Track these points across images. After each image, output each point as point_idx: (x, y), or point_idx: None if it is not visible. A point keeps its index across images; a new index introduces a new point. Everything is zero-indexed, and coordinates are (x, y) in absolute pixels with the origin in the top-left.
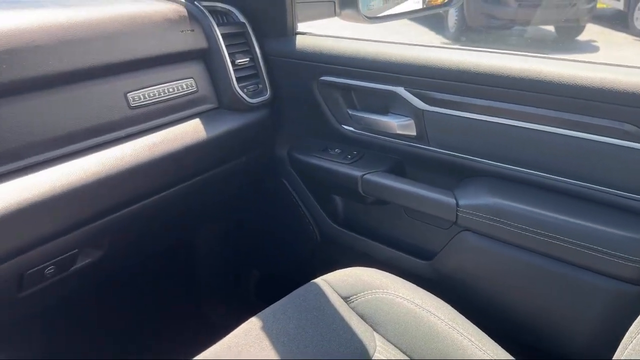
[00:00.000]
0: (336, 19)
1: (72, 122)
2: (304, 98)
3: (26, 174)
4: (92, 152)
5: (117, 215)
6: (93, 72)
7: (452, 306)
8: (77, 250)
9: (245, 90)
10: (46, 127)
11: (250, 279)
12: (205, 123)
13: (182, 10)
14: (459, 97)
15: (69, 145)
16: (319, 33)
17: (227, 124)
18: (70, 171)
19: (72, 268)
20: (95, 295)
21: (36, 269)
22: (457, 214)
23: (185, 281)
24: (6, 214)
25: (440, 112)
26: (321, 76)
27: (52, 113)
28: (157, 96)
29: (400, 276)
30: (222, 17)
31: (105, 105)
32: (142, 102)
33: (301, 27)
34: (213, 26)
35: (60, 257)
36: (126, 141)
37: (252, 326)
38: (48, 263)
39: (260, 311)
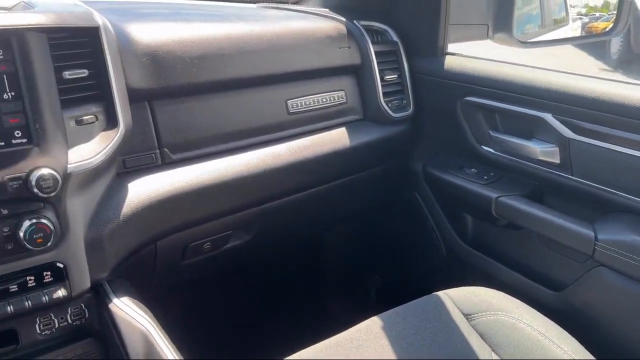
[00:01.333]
0: (487, 40)
1: (240, 121)
2: (445, 116)
3: (201, 161)
4: (253, 149)
5: (267, 205)
6: (261, 80)
7: (577, 340)
8: (231, 232)
9: (389, 104)
10: (219, 123)
11: (372, 283)
12: (351, 132)
13: (342, 28)
14: (607, 128)
15: (235, 141)
16: (468, 54)
17: (370, 135)
18: (235, 163)
19: (225, 247)
20: (236, 275)
21: (197, 242)
22: (594, 248)
23: (312, 275)
24: (185, 192)
25: (588, 142)
26: (466, 96)
27: (224, 112)
28: (312, 105)
29: (524, 302)
30: (377, 36)
31: (268, 110)
32: (299, 109)
33: (451, 47)
34: (368, 44)
35: (217, 236)
36: (283, 142)
37: (373, 324)
38: (207, 239)
39: (379, 314)
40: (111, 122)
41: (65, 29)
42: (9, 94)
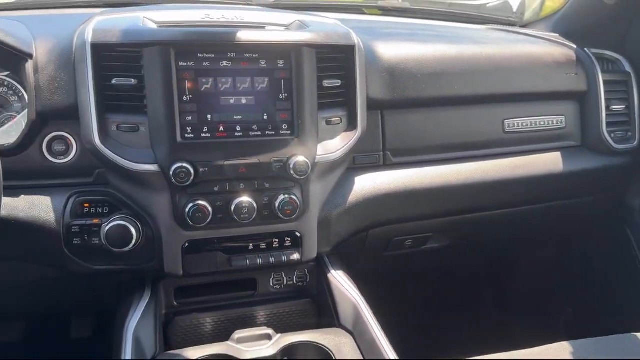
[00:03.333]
0: None
1: (456, 135)
2: None
3: (416, 166)
4: (465, 162)
5: (470, 216)
6: (482, 98)
7: None
8: (431, 234)
9: (612, 135)
10: (437, 135)
11: (561, 312)
12: (566, 158)
13: (571, 55)
14: None
15: (450, 152)
16: None
17: (586, 163)
18: (447, 172)
19: (423, 247)
20: (428, 274)
21: (400, 238)
22: None
23: (499, 290)
24: (399, 191)
25: None
26: None
27: (444, 125)
28: (529, 126)
29: None
30: (607, 65)
31: (485, 127)
32: (515, 129)
33: None
34: (597, 73)
35: (418, 235)
36: (494, 159)
37: (562, 348)
38: (409, 237)
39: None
40: (351, 124)
41: (331, 46)
42: (283, 95)
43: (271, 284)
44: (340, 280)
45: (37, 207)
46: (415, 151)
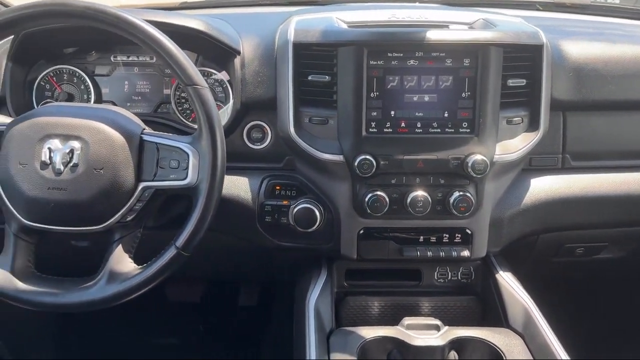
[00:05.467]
0: None
1: (634, 141)
2: None
3: (597, 172)
4: None
5: None
6: None
7: None
8: (607, 244)
9: None
10: (619, 140)
11: None
12: None
13: None
14: None
15: (632, 159)
16: None
17: None
18: (630, 180)
19: (595, 256)
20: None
21: (572, 245)
22: None
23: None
24: (577, 197)
25: None
26: None
27: (627, 130)
28: None
29: None
30: None
31: None
32: None
33: None
34: None
35: (591, 244)
36: None
37: None
38: (581, 244)
39: None
40: (532, 125)
41: (519, 46)
42: (466, 93)
43: (435, 277)
44: (508, 281)
45: (237, 187)
46: (597, 156)
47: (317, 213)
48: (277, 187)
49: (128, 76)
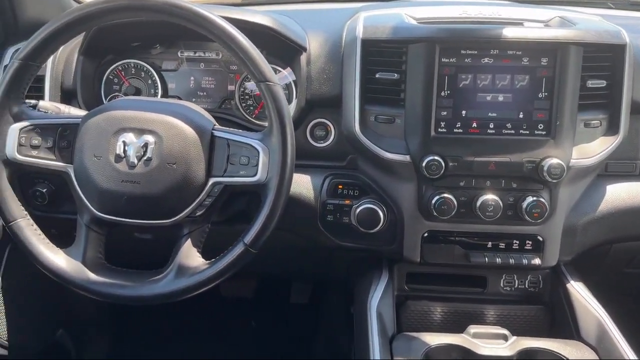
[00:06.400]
0: None
1: None
2: None
3: None
4: None
5: None
6: None
7: None
8: None
9: None
10: None
11: None
12: None
13: None
14: None
15: None
16: None
17: None
18: None
19: None
20: None
21: None
22: None
23: None
24: None
25: None
26: None
27: None
28: None
29: None
30: None
31: None
32: None
33: None
34: None
35: None
36: None
37: None
38: None
39: None
40: (612, 129)
41: (601, 45)
42: (543, 93)
43: (501, 285)
44: (580, 292)
45: (300, 185)
46: None
47: (381, 214)
48: (340, 186)
49: (194, 72)
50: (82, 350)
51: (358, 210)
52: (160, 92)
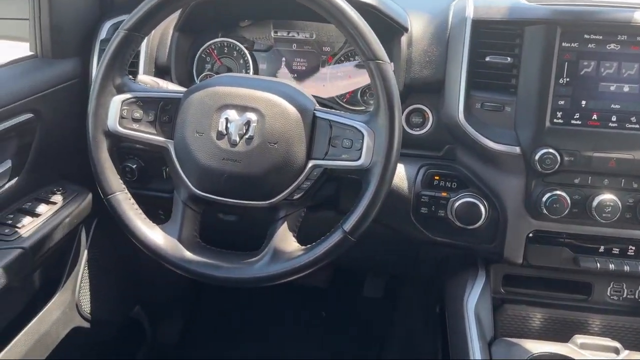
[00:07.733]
0: None
1: None
2: None
3: None
4: None
5: None
6: None
7: None
8: None
9: None
10: None
11: None
12: None
13: None
14: None
15: None
16: None
17: None
18: None
19: None
20: None
21: None
22: None
23: None
24: None
25: None
26: None
27: None
28: None
29: None
30: None
31: None
32: None
33: None
34: None
35: None
36: None
37: None
38: None
39: None
40: None
41: None
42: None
43: (608, 293)
44: None
45: None
46: None
47: (482, 209)
48: (436, 177)
49: (285, 52)
50: (156, 328)
51: (457, 203)
52: (251, 72)
